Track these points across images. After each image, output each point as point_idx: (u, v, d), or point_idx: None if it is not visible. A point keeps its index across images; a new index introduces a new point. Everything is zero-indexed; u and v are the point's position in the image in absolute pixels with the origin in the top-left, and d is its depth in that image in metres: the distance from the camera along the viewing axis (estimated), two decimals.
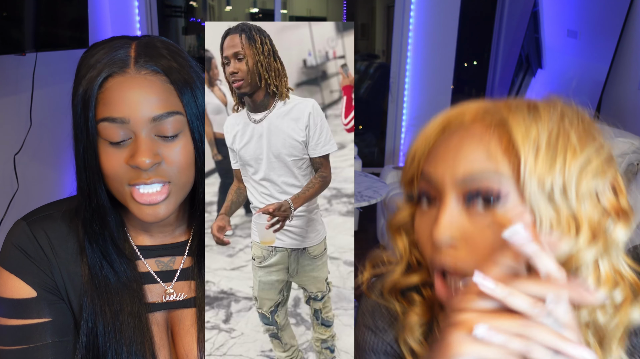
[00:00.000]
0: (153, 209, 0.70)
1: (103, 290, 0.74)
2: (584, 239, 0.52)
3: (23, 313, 0.72)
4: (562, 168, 0.52)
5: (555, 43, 3.97)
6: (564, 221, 0.52)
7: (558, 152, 0.53)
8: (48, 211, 0.77)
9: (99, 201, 0.71)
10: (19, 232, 0.74)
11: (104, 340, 0.74)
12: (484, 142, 0.54)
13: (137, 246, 0.80)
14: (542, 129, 0.53)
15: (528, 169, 0.52)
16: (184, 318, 0.80)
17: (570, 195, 0.52)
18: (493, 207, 0.53)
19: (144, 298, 0.77)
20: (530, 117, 0.54)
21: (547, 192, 0.52)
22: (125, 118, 0.67)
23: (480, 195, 0.54)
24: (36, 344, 0.72)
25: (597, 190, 0.54)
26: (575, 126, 0.55)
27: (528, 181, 0.52)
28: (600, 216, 0.54)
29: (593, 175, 0.53)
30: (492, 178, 0.53)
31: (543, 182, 0.52)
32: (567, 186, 0.52)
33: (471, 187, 0.54)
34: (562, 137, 0.53)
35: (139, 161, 0.67)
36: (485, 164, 0.54)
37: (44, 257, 0.73)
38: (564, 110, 0.56)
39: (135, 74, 0.68)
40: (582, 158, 0.53)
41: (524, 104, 0.56)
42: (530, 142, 0.52)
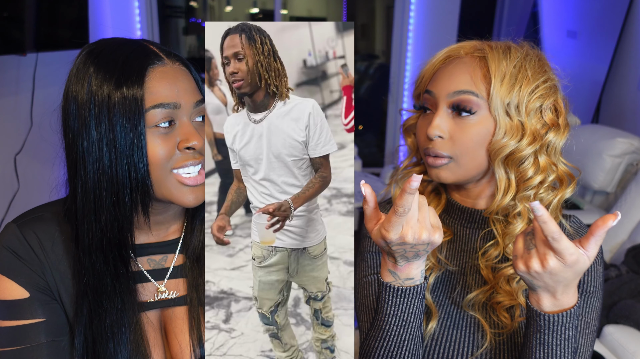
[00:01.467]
0: (196, 192, 0.74)
1: (95, 289, 0.75)
2: (526, 140, 0.77)
3: (17, 314, 0.72)
4: (518, 91, 0.77)
5: (555, 43, 3.97)
6: (515, 128, 0.77)
7: (517, 81, 0.77)
8: (38, 213, 0.77)
9: (146, 192, 0.72)
10: (9, 235, 0.74)
11: (98, 340, 0.74)
12: (470, 70, 0.79)
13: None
14: (509, 64, 0.78)
15: (495, 91, 0.77)
16: (177, 316, 0.81)
17: (521, 110, 0.78)
18: (470, 115, 0.78)
19: (137, 296, 0.78)
20: (503, 55, 0.78)
21: (505, 107, 0.77)
22: (177, 103, 0.71)
23: (461, 106, 0.78)
24: (31, 344, 0.72)
25: (542, 108, 0.79)
26: (532, 63, 0.79)
27: (494, 99, 0.77)
28: (541, 127, 0.79)
29: (538, 97, 0.78)
30: (471, 95, 0.78)
31: (504, 101, 0.77)
32: (519, 104, 0.77)
33: (456, 100, 0.78)
34: (522, 70, 0.78)
35: (194, 143, 0.72)
36: (468, 85, 0.78)
37: (35, 258, 0.74)
38: (528, 51, 0.81)
39: (172, 65, 0.74)
40: (532, 85, 0.78)
41: (503, 45, 0.81)
42: (499, 73, 0.77)
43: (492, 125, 0.78)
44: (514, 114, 0.77)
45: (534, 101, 0.77)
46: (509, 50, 0.79)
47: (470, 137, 0.78)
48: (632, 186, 2.49)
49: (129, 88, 0.68)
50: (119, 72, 0.69)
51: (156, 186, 0.73)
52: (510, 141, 0.77)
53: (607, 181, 2.68)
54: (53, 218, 0.77)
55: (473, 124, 0.78)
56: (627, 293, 1.99)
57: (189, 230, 0.83)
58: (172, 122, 0.71)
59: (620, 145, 2.64)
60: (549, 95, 0.79)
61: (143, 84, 0.69)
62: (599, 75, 3.30)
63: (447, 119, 0.79)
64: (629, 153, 2.64)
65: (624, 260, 2.21)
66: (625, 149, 2.64)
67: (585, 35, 3.59)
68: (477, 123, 0.78)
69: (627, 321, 1.88)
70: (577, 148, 0.86)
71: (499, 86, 0.76)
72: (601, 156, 2.65)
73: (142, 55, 0.71)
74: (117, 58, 0.70)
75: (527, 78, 0.77)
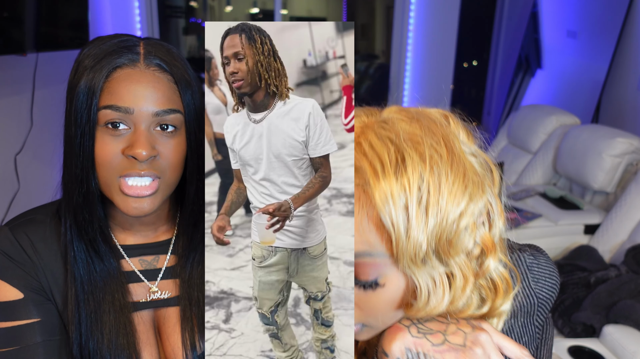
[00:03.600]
0: (139, 202, 0.72)
1: (87, 289, 0.75)
2: (458, 286, 0.54)
3: (12, 315, 0.73)
4: (435, 231, 0.51)
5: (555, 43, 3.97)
6: (439, 281, 0.53)
7: (429, 215, 0.50)
8: (30, 216, 0.78)
9: (90, 188, 0.72)
10: (2, 238, 0.75)
11: (90, 339, 0.75)
12: (357, 220, 0.53)
13: (120, 245, 0.81)
14: (410, 193, 0.50)
15: (400, 245, 0.51)
16: (170, 316, 0.81)
17: (443, 256, 0.53)
18: (375, 288, 0.55)
19: (128, 296, 0.78)
20: (397, 181, 0.51)
21: (421, 258, 0.52)
22: (129, 109, 0.69)
23: (361, 283, 0.55)
24: (27, 344, 0.73)
25: (472, 238, 0.54)
26: (445, 176, 0.51)
27: (401, 255, 0.51)
28: (472, 253, 0.55)
29: (466, 228, 0.53)
30: (367, 260, 0.53)
31: (416, 251, 0.51)
32: (439, 249, 0.52)
33: (356, 271, 0.55)
34: (434, 196, 0.51)
35: (136, 152, 0.69)
36: (361, 245, 0.53)
37: (27, 260, 0.74)
38: (432, 156, 0.52)
39: (144, 69, 0.71)
40: (455, 213, 0.51)
41: (392, 156, 0.52)
42: (399, 213, 0.50)
43: (401, 285, 0.55)
44: (434, 262, 0.53)
45: (463, 237, 0.53)
46: (403, 164, 0.51)
47: (382, 303, 0.57)
48: (632, 186, 2.49)
49: (88, 84, 0.69)
50: (86, 68, 0.70)
51: (103, 187, 0.73)
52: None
53: (607, 181, 2.68)
54: (45, 220, 0.78)
55: (382, 296, 0.56)
56: (627, 293, 1.99)
57: (180, 231, 0.83)
58: (125, 126, 0.70)
59: (620, 145, 2.64)
60: (480, 211, 0.54)
61: (103, 83, 0.69)
62: (599, 75, 3.30)
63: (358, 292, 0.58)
64: (629, 153, 2.64)
65: (624, 260, 2.21)
66: (625, 149, 2.64)
67: (585, 35, 3.59)
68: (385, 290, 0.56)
69: (627, 321, 1.88)
70: (577, 148, 0.81)
71: (404, 234, 0.51)
72: (601, 156, 2.65)
73: (118, 55, 0.70)
74: (95, 54, 0.71)
75: (444, 207, 0.51)
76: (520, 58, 4.28)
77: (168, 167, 0.73)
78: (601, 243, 2.47)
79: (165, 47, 0.75)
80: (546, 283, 0.68)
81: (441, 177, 0.51)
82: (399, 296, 0.56)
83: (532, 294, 0.67)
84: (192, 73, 0.76)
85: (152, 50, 0.72)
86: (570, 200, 2.82)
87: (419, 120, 0.57)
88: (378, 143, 0.53)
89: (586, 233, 2.64)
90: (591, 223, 2.64)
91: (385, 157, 0.52)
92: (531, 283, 0.67)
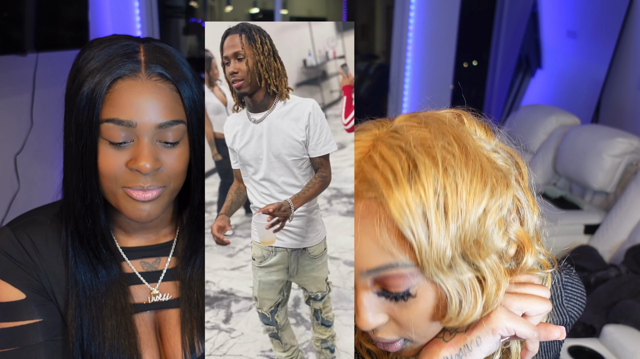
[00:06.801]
0: (143, 206, 0.72)
1: (89, 295, 0.76)
2: (490, 290, 0.52)
3: (14, 315, 0.73)
4: (458, 234, 0.49)
5: (555, 43, 3.97)
6: (469, 286, 0.51)
7: (449, 219, 0.49)
8: (32, 217, 0.78)
9: (93, 199, 0.72)
10: (3, 238, 0.75)
11: (92, 340, 0.75)
12: (375, 237, 0.51)
13: (121, 247, 0.81)
14: (426, 200, 0.49)
15: (423, 253, 0.49)
16: (171, 318, 0.81)
17: (472, 259, 0.51)
18: (407, 299, 0.53)
19: (129, 298, 0.79)
20: (411, 189, 0.49)
21: (447, 264, 0.50)
22: (132, 122, 0.68)
23: (387, 294, 0.54)
24: (29, 344, 0.73)
25: (503, 236, 0.53)
26: (461, 176, 0.50)
27: (426, 263, 0.50)
28: (507, 252, 0.54)
29: (493, 226, 0.51)
30: (393, 272, 0.51)
31: (440, 257, 0.49)
32: (467, 252, 0.50)
33: (378, 282, 0.53)
34: (452, 198, 0.49)
35: (140, 165, 0.68)
36: (382, 258, 0.51)
37: (29, 260, 0.75)
38: (445, 158, 0.50)
39: (146, 79, 0.70)
40: (477, 212, 0.50)
41: (404, 165, 0.50)
42: (417, 222, 0.48)
43: (431, 295, 0.53)
44: (462, 266, 0.51)
45: (490, 235, 0.51)
46: (416, 173, 0.50)
47: (415, 311, 0.55)
48: (632, 186, 2.49)
49: (89, 95, 0.68)
50: (86, 76, 0.68)
51: (107, 195, 0.73)
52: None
53: (607, 181, 2.68)
54: (47, 221, 0.78)
55: (413, 304, 0.54)
56: (627, 293, 1.99)
57: (182, 233, 0.83)
58: (128, 138, 0.69)
59: (620, 145, 2.64)
60: (509, 208, 0.53)
61: (104, 95, 0.68)
62: (599, 75, 3.30)
63: (378, 303, 0.56)
64: (629, 153, 2.64)
65: (624, 260, 2.21)
66: (625, 149, 2.64)
67: (585, 35, 3.59)
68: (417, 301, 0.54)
69: (627, 321, 1.88)
70: (577, 148, 0.80)
71: (427, 241, 0.49)
72: (601, 156, 2.65)
73: (119, 65, 0.69)
74: (95, 60, 0.69)
75: (464, 209, 0.50)
76: (520, 58, 4.28)
77: (172, 176, 0.73)
78: (601, 243, 2.47)
79: (166, 50, 0.73)
80: (577, 302, 0.68)
81: (457, 177, 0.49)
82: (432, 306, 0.54)
83: (563, 312, 0.67)
84: (193, 74, 0.75)
85: (152, 58, 0.71)
86: (570, 200, 2.82)
87: (428, 123, 0.55)
88: (389, 153, 0.52)
89: (586, 233, 2.64)
90: (591, 223, 2.64)
91: (397, 166, 0.50)
92: (564, 301, 0.67)
